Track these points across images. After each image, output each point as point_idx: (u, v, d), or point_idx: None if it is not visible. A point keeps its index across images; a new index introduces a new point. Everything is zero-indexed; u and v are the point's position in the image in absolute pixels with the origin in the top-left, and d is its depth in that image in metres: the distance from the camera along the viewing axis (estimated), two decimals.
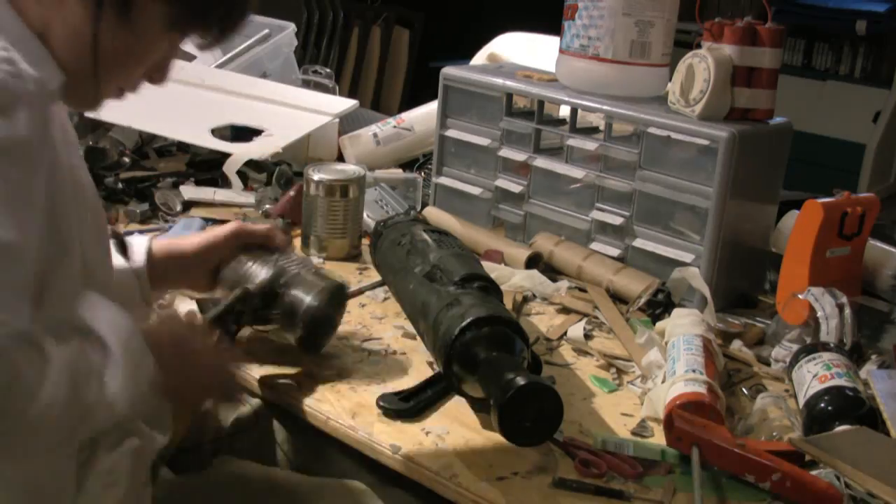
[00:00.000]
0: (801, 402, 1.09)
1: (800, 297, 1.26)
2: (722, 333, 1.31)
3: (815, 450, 0.96)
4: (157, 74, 0.94)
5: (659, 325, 1.29)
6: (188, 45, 0.98)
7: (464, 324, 1.04)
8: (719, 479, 0.98)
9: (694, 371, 1.08)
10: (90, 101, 0.92)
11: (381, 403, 1.07)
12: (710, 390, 1.05)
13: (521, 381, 0.95)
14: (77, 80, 0.88)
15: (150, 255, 1.14)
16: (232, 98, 1.94)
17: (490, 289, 1.16)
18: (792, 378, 1.15)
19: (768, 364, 1.26)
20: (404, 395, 1.08)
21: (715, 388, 1.07)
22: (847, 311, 1.23)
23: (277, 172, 1.75)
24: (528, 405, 0.95)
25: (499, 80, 1.59)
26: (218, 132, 1.83)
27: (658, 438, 1.05)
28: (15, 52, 0.79)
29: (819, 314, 1.23)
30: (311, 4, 4.39)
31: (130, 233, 1.46)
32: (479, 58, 2.16)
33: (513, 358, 1.03)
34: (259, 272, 1.15)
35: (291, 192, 1.64)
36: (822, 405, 1.05)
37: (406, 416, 1.06)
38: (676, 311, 1.27)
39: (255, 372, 1.15)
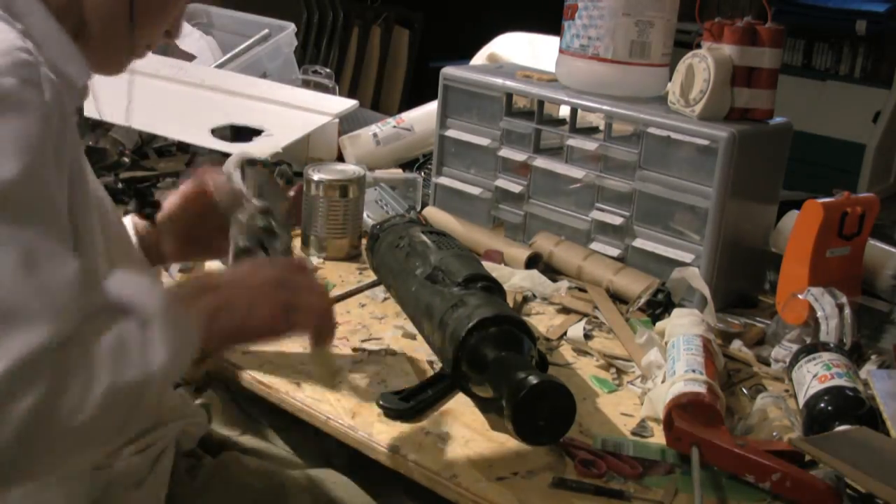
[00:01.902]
0: (801, 402, 1.09)
1: (800, 297, 1.26)
2: (722, 333, 1.31)
3: (815, 450, 0.96)
4: (174, 28, 0.97)
5: (659, 325, 1.29)
6: (188, 46, 0.99)
7: (471, 324, 1.04)
8: (719, 479, 0.98)
9: (694, 371, 1.08)
10: (119, 62, 0.93)
11: (381, 403, 1.07)
12: (710, 390, 1.05)
13: (533, 379, 0.94)
14: (109, 41, 0.89)
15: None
16: (232, 98, 1.94)
17: (494, 289, 1.16)
18: (792, 378, 1.15)
19: (768, 364, 1.26)
20: (404, 395, 1.08)
21: (715, 388, 1.06)
22: (847, 311, 1.23)
23: (277, 172, 1.74)
24: (542, 404, 0.95)
25: (499, 80, 1.59)
26: (218, 132, 1.83)
27: (658, 438, 1.05)
28: (40, 55, 0.79)
29: (819, 314, 1.23)
30: (311, 4, 4.39)
31: None
32: (479, 58, 2.16)
33: (522, 357, 1.03)
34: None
35: (291, 192, 1.64)
36: (822, 405, 1.05)
37: (406, 416, 1.06)
38: (676, 311, 1.28)
39: (255, 372, 1.15)
